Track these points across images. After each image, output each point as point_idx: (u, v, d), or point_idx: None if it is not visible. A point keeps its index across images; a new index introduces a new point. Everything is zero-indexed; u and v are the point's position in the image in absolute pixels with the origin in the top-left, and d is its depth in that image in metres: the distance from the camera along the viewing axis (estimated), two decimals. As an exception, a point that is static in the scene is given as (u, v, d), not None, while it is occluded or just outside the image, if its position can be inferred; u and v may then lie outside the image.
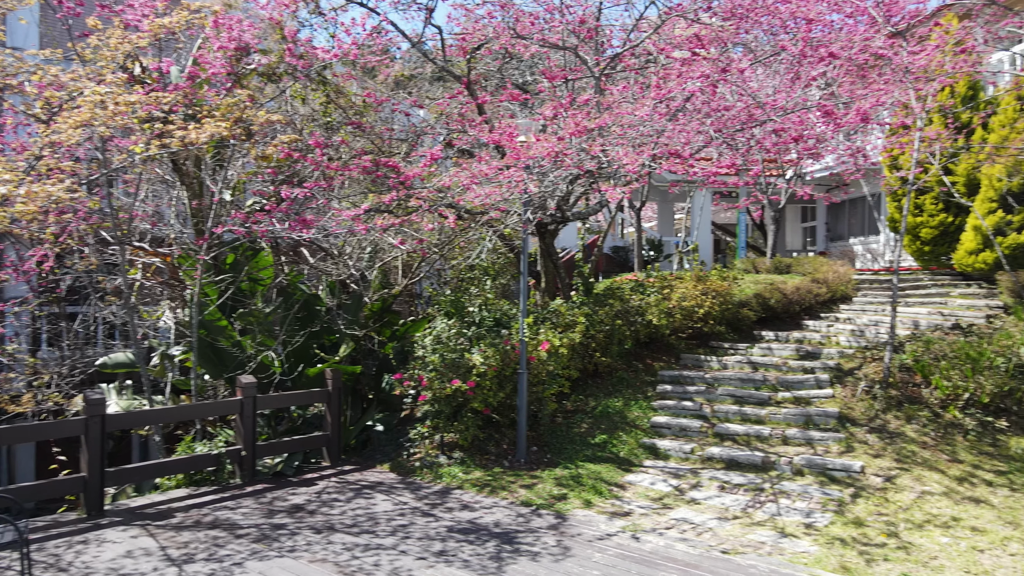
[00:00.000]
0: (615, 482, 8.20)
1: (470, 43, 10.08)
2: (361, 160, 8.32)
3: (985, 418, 8.85)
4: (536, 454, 9.12)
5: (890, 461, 8.10)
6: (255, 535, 6.52)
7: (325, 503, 7.55)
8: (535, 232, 11.46)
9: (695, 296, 11.96)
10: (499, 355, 9.07)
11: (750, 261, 17.27)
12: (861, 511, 7.07)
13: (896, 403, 9.27)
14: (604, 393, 10.52)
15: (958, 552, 6.14)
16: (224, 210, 9.36)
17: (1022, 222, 12.34)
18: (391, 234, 9.71)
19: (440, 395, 8.84)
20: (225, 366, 9.56)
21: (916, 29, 10.95)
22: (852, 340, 11.46)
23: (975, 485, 7.51)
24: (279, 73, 9.28)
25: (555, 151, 7.27)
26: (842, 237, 21.81)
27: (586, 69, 9.99)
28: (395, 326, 11.92)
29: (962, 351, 9.63)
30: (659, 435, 9.51)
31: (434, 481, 8.44)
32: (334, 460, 9.27)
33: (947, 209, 14.47)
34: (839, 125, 8.76)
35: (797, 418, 9.24)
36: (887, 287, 14.92)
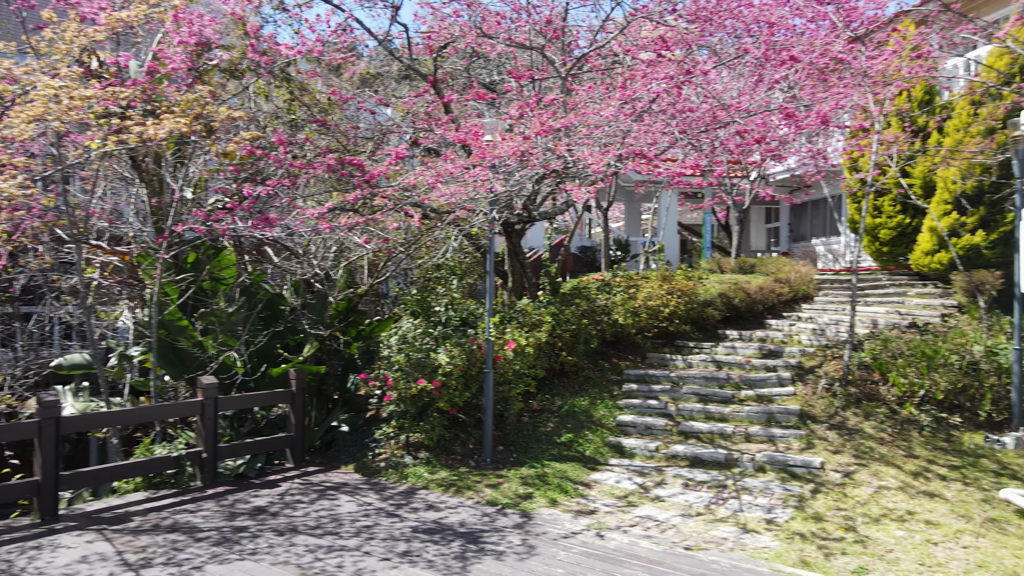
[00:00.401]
0: (581, 481, 8.24)
1: (436, 42, 10.04)
2: (326, 158, 8.23)
3: (940, 414, 9.08)
4: (502, 453, 9.11)
5: (849, 457, 8.26)
6: (216, 538, 6.41)
7: (288, 505, 7.46)
8: (502, 232, 11.46)
9: (661, 296, 12.06)
10: (465, 355, 9.06)
11: (715, 261, 17.48)
12: (820, 506, 7.20)
13: (855, 400, 9.47)
14: (570, 392, 10.56)
15: (913, 545, 6.29)
16: (185, 208, 9.19)
17: (975, 224, 12.67)
18: (356, 233, 9.63)
19: (406, 395, 8.79)
20: (186, 367, 9.39)
21: (875, 34, 11.19)
22: (813, 339, 11.67)
23: (930, 480, 7.69)
24: (242, 69, 9.15)
25: (521, 150, 7.28)
26: (805, 238, 22.20)
27: (553, 69, 10.02)
28: (361, 326, 11.83)
29: (918, 349, 9.87)
30: (625, 434, 9.58)
31: (399, 481, 8.39)
32: (298, 461, 9.16)
33: (904, 211, 14.80)
34: (800, 127, 8.92)
35: (760, 416, 9.38)
36: (847, 287, 15.22)
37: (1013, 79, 11.79)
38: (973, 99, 12.82)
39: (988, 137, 12.16)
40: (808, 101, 10.17)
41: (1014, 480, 7.69)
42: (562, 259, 13.22)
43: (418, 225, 7.70)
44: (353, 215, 8.04)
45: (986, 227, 12.65)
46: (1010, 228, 12.42)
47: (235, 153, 8.22)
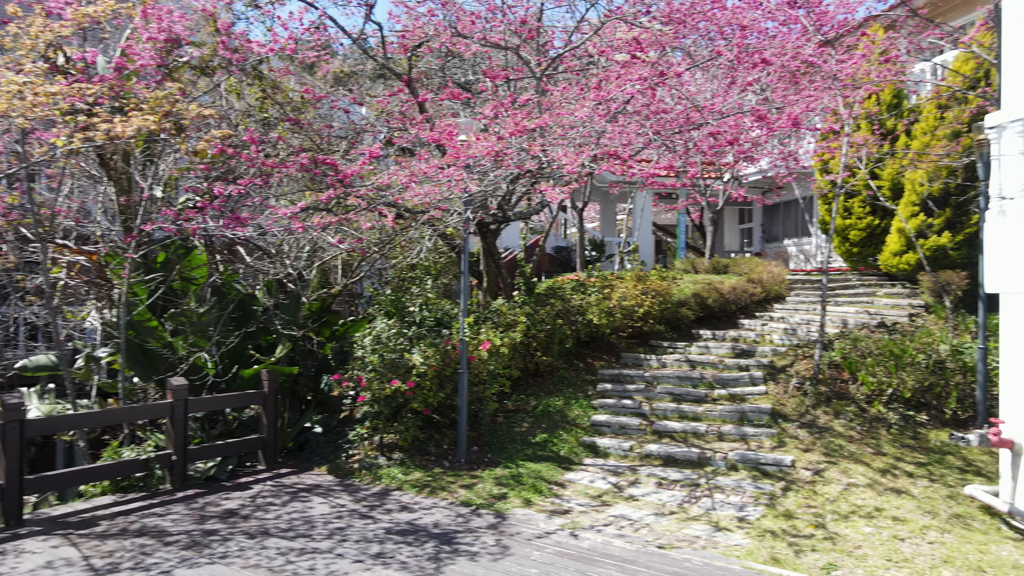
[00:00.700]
0: (555, 481, 8.25)
1: (411, 41, 9.99)
2: (299, 157, 8.15)
3: (907, 412, 9.24)
4: (477, 454, 9.10)
5: (819, 455, 8.37)
6: (185, 542, 6.32)
7: (260, 507, 7.37)
8: (477, 232, 11.44)
9: (635, 296, 12.13)
10: (439, 355, 9.03)
11: (689, 261, 17.62)
12: (791, 504, 7.29)
13: (825, 399, 9.60)
14: (545, 392, 10.57)
15: (880, 541, 6.39)
16: (154, 207, 9.04)
17: (942, 225, 12.91)
18: (330, 233, 9.54)
19: (379, 396, 8.74)
20: (155, 368, 9.24)
21: (844, 38, 11.36)
22: (785, 338, 11.81)
23: (897, 476, 7.82)
24: (213, 67, 9.02)
25: (495, 151, 7.27)
26: (777, 238, 22.48)
27: (528, 70, 10.03)
28: (335, 326, 11.74)
29: (886, 348, 10.03)
30: (599, 433, 9.61)
31: (373, 483, 8.33)
32: (270, 463, 9.06)
33: (874, 212, 15.04)
34: (772, 130, 9.02)
35: (732, 415, 9.47)
36: (818, 287, 15.43)
37: (978, 84, 12.04)
38: (939, 103, 13.06)
39: (954, 140, 12.41)
40: (780, 103, 10.29)
41: (978, 476, 7.85)
42: (537, 259, 13.24)
43: (392, 225, 7.65)
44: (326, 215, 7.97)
45: (952, 229, 12.90)
46: (975, 230, 12.68)
47: (206, 151, 8.10)
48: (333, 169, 7.83)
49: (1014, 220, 6.16)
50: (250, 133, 8.11)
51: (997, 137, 6.49)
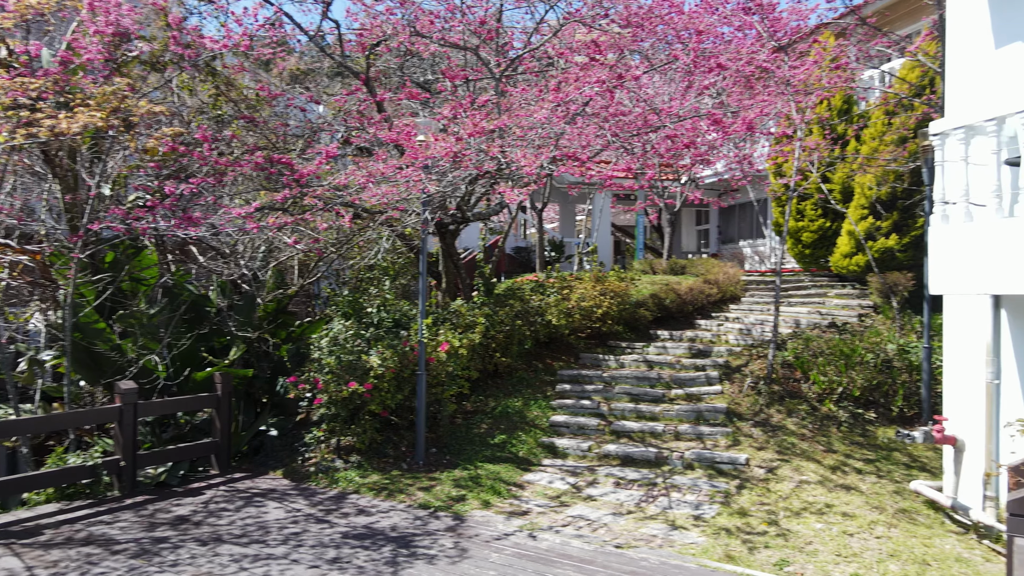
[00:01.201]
0: (514, 482, 8.25)
1: (369, 39, 9.89)
2: (254, 156, 8.00)
3: (856, 410, 9.49)
4: (435, 456, 9.05)
5: (772, 453, 8.54)
6: (134, 550, 6.15)
7: (212, 513, 7.21)
8: (436, 232, 11.39)
9: (594, 296, 12.21)
10: (398, 356, 8.95)
11: (648, 262, 17.81)
12: (745, 502, 7.42)
13: (779, 398, 9.80)
14: (504, 393, 10.57)
15: (831, 537, 6.54)
16: (102, 205, 8.78)
17: (889, 228, 13.28)
18: (286, 233, 9.39)
19: (336, 398, 8.63)
20: (103, 371, 8.97)
21: (797, 45, 11.63)
22: (740, 338, 12.02)
23: (847, 473, 8.02)
24: (164, 62, 8.80)
25: (454, 151, 7.23)
26: (733, 240, 22.86)
27: (487, 70, 10.01)
28: (291, 327, 11.57)
29: (837, 348, 10.29)
30: (558, 434, 9.65)
31: (330, 486, 8.22)
32: (223, 468, 8.87)
33: (825, 215, 15.41)
34: (727, 133, 9.17)
35: (689, 414, 9.59)
36: (772, 288, 15.74)
37: (923, 91, 12.42)
38: (887, 109, 13.45)
39: (900, 146, 12.78)
40: (735, 108, 10.48)
41: (923, 472, 8.09)
42: (496, 260, 13.23)
43: (349, 225, 7.55)
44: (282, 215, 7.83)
45: (899, 231, 13.29)
46: (921, 232, 13.08)
47: (156, 149, 7.89)
48: (289, 168, 7.70)
49: (956, 224, 6.37)
50: (203, 131, 7.93)
51: (941, 144, 6.70)
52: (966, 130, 6.37)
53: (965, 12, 7.26)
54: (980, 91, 7.02)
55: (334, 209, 8.11)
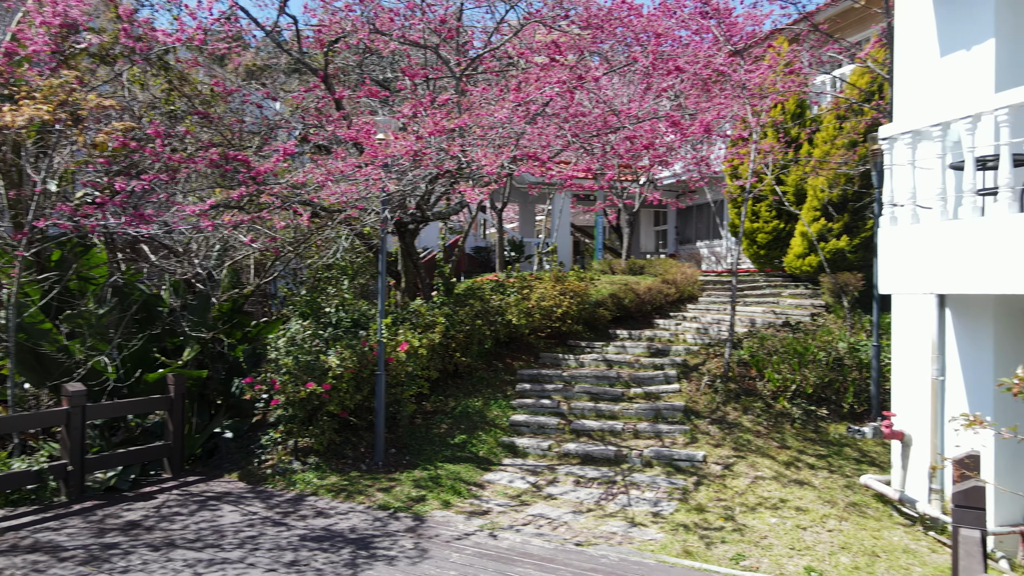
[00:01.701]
0: (474, 481, 8.24)
1: (328, 36, 9.77)
2: (208, 152, 7.83)
3: (809, 407, 9.72)
4: (395, 456, 8.98)
5: (729, 450, 8.69)
6: (82, 557, 5.96)
7: (165, 518, 7.04)
8: (395, 231, 11.31)
9: (554, 296, 12.27)
10: (356, 356, 8.87)
11: (607, 262, 17.96)
12: (703, 498, 7.53)
13: (735, 395, 9.97)
14: (464, 393, 10.55)
15: (785, 531, 6.69)
16: (48, 202, 8.49)
17: (840, 229, 13.64)
18: (242, 231, 9.21)
19: (294, 399, 8.50)
20: (49, 373, 8.69)
21: (752, 49, 11.86)
22: (698, 337, 12.20)
23: (800, 469, 8.21)
24: (114, 55, 8.55)
25: (414, 150, 7.19)
26: (690, 240, 23.21)
27: (447, 69, 9.98)
28: (247, 327, 11.36)
29: (790, 347, 10.52)
30: (518, 433, 9.67)
31: (287, 488, 8.09)
32: (176, 471, 8.66)
33: (779, 216, 15.74)
34: (685, 135, 9.30)
35: (647, 412, 9.70)
36: (728, 288, 16.02)
37: (872, 96, 12.79)
38: (838, 114, 13.81)
39: (851, 150, 13.14)
40: (693, 110, 10.64)
41: (873, 466, 8.33)
42: (456, 259, 13.19)
43: (307, 224, 7.44)
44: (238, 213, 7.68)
45: (850, 233, 13.65)
46: (870, 234, 13.47)
47: (106, 144, 7.66)
48: (245, 166, 7.56)
49: (904, 226, 6.57)
50: (155, 126, 7.73)
51: (889, 148, 6.90)
52: (913, 135, 6.57)
53: (913, 22, 7.50)
54: (927, 97, 7.25)
55: (292, 207, 7.99)
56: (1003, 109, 5.57)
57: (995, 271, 5.54)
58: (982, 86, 6.67)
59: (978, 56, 6.78)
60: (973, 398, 6.59)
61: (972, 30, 6.85)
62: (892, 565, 6.05)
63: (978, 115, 5.86)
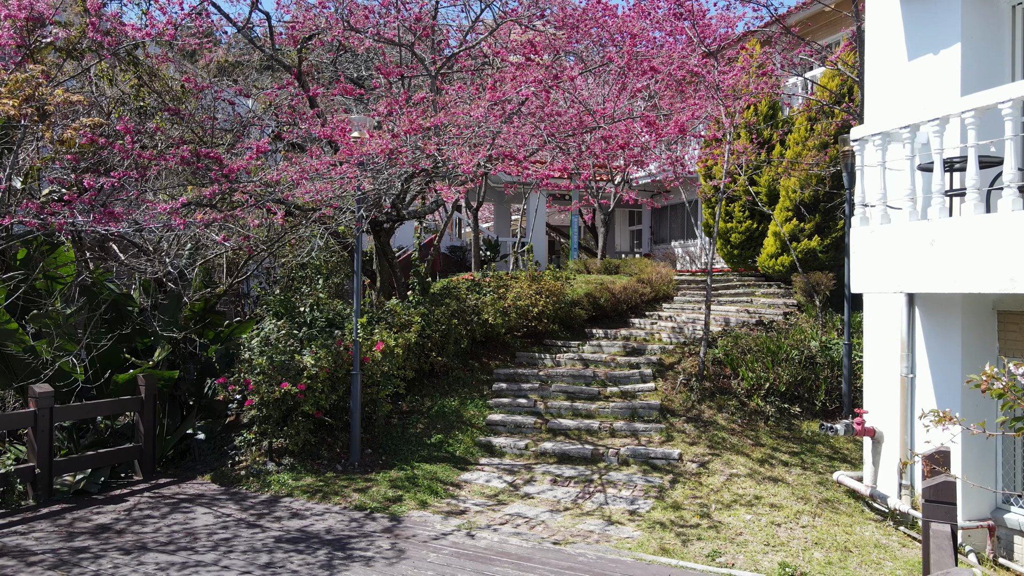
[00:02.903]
0: (451, 481, 8.21)
1: (301, 32, 9.67)
2: (180, 150, 7.70)
3: (783, 405, 9.83)
4: (371, 457, 8.92)
5: (704, 448, 8.77)
6: (51, 561, 5.83)
7: (136, 521, 6.91)
8: (370, 230, 11.23)
9: (530, 296, 12.27)
10: (332, 356, 8.79)
11: (582, 262, 18.01)
12: (679, 496, 7.59)
13: (710, 394, 10.06)
14: (440, 393, 10.51)
15: (759, 527, 6.76)
16: (13, 199, 8.30)
17: (812, 230, 13.83)
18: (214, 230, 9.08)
19: (268, 399, 8.41)
20: (15, 374, 8.49)
21: (726, 51, 11.97)
22: (673, 336, 12.29)
23: (774, 466, 8.31)
24: (81, 49, 8.38)
25: (390, 148, 7.14)
26: (665, 240, 23.37)
27: (423, 67, 9.93)
28: (220, 327, 11.21)
29: (764, 345, 10.64)
30: (495, 433, 9.66)
31: (261, 490, 7.99)
32: (148, 473, 8.52)
33: (753, 217, 15.91)
34: (660, 135, 9.36)
35: (624, 411, 9.75)
36: (703, 287, 16.16)
37: (843, 99, 12.99)
38: (810, 116, 14.01)
39: (822, 151, 13.33)
40: (667, 111, 10.71)
41: (845, 463, 8.46)
42: (431, 258, 13.15)
43: (282, 223, 7.35)
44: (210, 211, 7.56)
45: (821, 233, 13.84)
46: (841, 234, 13.68)
47: (74, 140, 7.51)
48: (217, 163, 7.45)
49: (875, 226, 6.68)
50: (124, 122, 7.58)
51: (860, 149, 7.01)
52: (883, 136, 6.68)
53: (882, 25, 7.63)
54: (896, 100, 7.38)
55: (265, 206, 7.88)
56: (969, 112, 5.68)
57: (963, 270, 5.66)
58: (949, 89, 6.81)
59: (945, 60, 6.91)
60: (942, 395, 6.73)
61: (939, 34, 6.98)
62: (864, 560, 6.15)
63: (946, 117, 5.97)
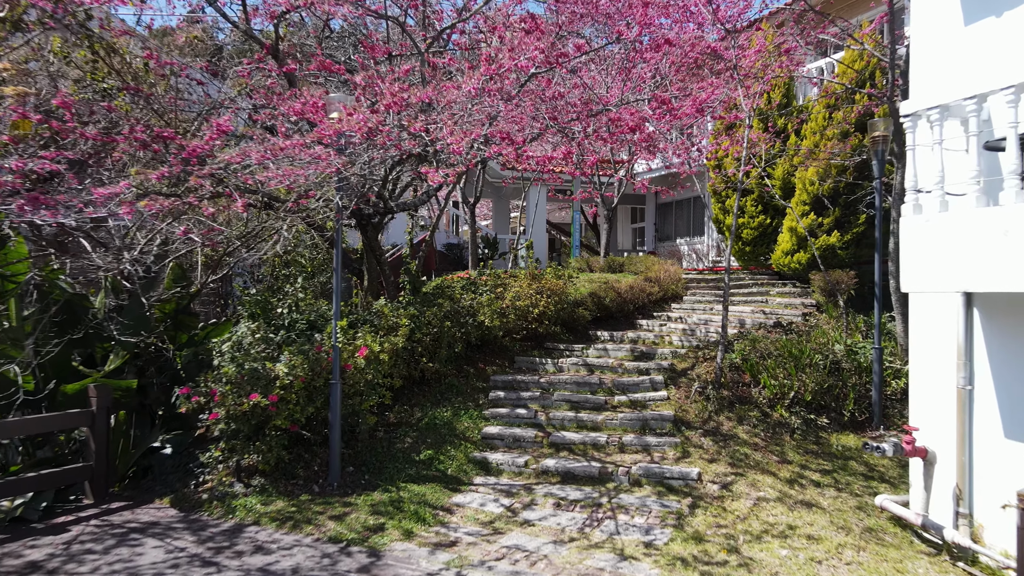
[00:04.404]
0: (441, 505, 7.27)
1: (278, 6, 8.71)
2: (134, 130, 6.75)
3: (808, 416, 8.91)
4: (352, 476, 7.98)
5: (725, 466, 7.83)
6: (-40, 613, 4.91)
7: (74, 557, 5.97)
8: (357, 225, 10.29)
9: (530, 295, 11.34)
10: (309, 363, 7.86)
11: (584, 260, 17.11)
12: (700, 523, 6.64)
13: (728, 404, 9.13)
14: (431, 403, 9.57)
15: (797, 565, 5.81)
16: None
17: (831, 224, 12.90)
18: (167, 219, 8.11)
19: (235, 412, 7.47)
20: (-49, 385, 7.56)
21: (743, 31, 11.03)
22: (684, 339, 11.36)
23: (805, 487, 7.37)
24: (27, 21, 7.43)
25: (369, 126, 6.20)
26: (670, 237, 22.44)
27: (411, 43, 8.97)
28: (194, 330, 10.28)
29: (785, 349, 9.72)
30: (491, 447, 8.72)
31: (225, 517, 7.05)
32: (100, 496, 7.57)
33: (766, 211, 14.99)
34: (675, 116, 8.41)
35: (633, 423, 8.82)
36: (713, 286, 15.23)
37: (864, 84, 12.05)
38: (828, 103, 13.09)
39: (843, 140, 12.41)
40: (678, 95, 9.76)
41: (883, 483, 7.53)
42: (423, 255, 12.22)
43: (243, 211, 6.40)
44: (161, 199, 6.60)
45: (841, 228, 12.91)
46: (863, 229, 12.75)
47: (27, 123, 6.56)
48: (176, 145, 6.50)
49: (930, 215, 5.75)
50: (62, 95, 6.62)
51: (912, 126, 6.08)
52: (941, 110, 5.75)
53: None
54: (950, 71, 6.44)
55: (226, 192, 6.93)
56: (1057, 76, 4.76)
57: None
58: (1014, 56, 5.87)
59: (1010, 23, 5.98)
60: (1009, 411, 5.79)
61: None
62: (923, 606, 5.22)
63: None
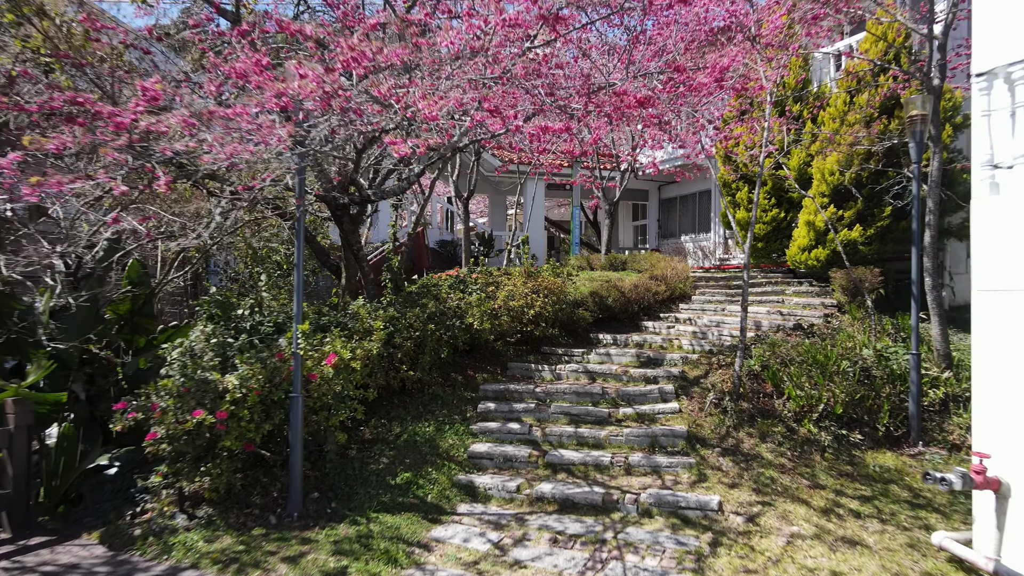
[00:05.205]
0: (418, 540, 6.18)
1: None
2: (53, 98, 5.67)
3: (840, 431, 7.83)
4: (317, 503, 6.89)
5: (749, 493, 6.74)
6: None
7: (-39, 615, 4.90)
8: (332, 216, 9.19)
9: (525, 295, 10.25)
10: (267, 373, 6.77)
11: (584, 258, 16.06)
12: (725, 568, 5.55)
13: (748, 417, 8.04)
14: (413, 416, 8.47)
15: (849, 627, 4.73)
16: None
17: (853, 218, 11.82)
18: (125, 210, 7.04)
19: (176, 431, 6.38)
20: None
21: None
22: (695, 343, 10.27)
23: (844, 519, 6.28)
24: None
25: (325, 90, 5.12)
26: (674, 234, 21.37)
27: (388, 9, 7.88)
28: (152, 333, 9.24)
29: (809, 355, 8.68)
30: (478, 468, 7.63)
31: (159, 557, 5.96)
32: (19, 529, 6.48)
33: (779, 204, 13.92)
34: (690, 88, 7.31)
35: (641, 440, 7.73)
36: (723, 284, 14.16)
37: (888, 67, 10.95)
38: (849, 85, 12.02)
39: (867, 126, 11.32)
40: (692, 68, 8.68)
41: (933, 512, 6.45)
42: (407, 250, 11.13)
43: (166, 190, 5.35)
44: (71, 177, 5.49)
45: (863, 221, 11.84)
46: (887, 223, 11.67)
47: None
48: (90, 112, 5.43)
49: (1013, 195, 4.68)
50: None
51: (987, 88, 5.00)
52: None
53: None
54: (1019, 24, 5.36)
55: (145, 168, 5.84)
56: None
57: None
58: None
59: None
60: (1109, 436, 4.71)
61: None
62: None
63: None
